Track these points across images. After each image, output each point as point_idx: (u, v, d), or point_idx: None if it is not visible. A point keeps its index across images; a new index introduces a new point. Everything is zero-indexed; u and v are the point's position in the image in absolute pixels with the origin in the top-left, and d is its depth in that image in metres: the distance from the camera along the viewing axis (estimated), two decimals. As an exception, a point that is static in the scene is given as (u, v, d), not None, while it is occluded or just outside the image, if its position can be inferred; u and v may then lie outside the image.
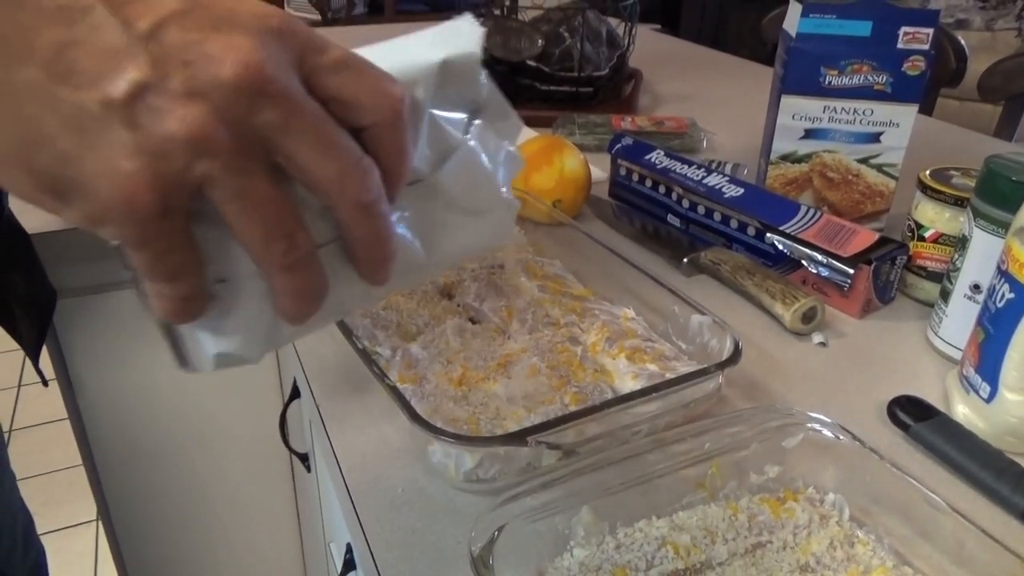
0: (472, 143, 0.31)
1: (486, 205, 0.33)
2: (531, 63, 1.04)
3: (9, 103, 0.23)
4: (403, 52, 0.29)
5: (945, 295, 0.55)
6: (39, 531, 0.71)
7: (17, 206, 0.64)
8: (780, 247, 0.63)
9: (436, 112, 0.30)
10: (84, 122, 0.23)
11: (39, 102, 0.23)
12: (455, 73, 0.29)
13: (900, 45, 0.65)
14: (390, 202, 0.28)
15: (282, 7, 2.69)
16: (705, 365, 0.46)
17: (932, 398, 0.49)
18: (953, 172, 0.60)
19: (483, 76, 0.31)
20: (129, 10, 0.23)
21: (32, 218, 0.68)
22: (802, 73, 0.67)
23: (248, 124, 0.24)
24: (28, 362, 0.66)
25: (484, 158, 0.32)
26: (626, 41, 1.09)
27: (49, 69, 0.23)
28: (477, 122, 0.31)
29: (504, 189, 0.33)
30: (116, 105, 0.23)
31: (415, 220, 0.30)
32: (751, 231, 0.65)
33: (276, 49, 0.25)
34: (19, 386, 2.01)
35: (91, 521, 1.64)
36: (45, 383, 0.74)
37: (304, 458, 0.82)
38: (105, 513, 0.87)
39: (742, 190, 0.67)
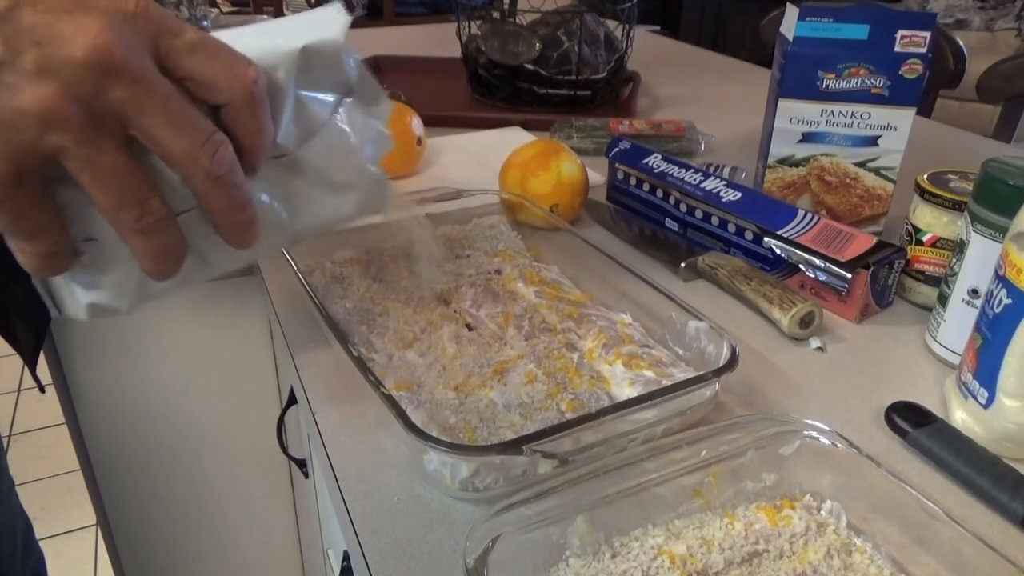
0: (339, 122, 0.34)
1: (353, 179, 0.35)
2: (529, 66, 1.04)
3: None
4: (268, 36, 0.31)
5: (943, 300, 0.55)
6: (38, 536, 0.71)
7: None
8: (778, 251, 0.63)
9: (303, 93, 0.33)
10: None
11: None
12: (318, 58, 0.32)
13: (897, 48, 0.65)
14: (251, 174, 0.30)
15: (282, 11, 2.69)
16: (702, 371, 0.46)
17: (930, 404, 0.48)
18: (951, 175, 0.60)
19: (351, 61, 0.34)
20: None
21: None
22: (799, 77, 0.67)
23: (99, 100, 0.26)
24: (26, 367, 0.66)
25: (351, 136, 0.34)
26: (624, 44, 1.09)
27: None
28: (347, 102, 0.34)
29: (372, 166, 0.35)
30: None
31: (281, 191, 0.33)
32: (749, 235, 0.65)
33: (127, 31, 0.26)
34: (18, 391, 2.01)
35: (90, 526, 1.64)
36: (42, 389, 0.74)
37: (302, 464, 0.82)
38: (103, 518, 0.87)
39: (740, 194, 0.67)
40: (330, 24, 0.32)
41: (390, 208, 0.39)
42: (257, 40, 0.31)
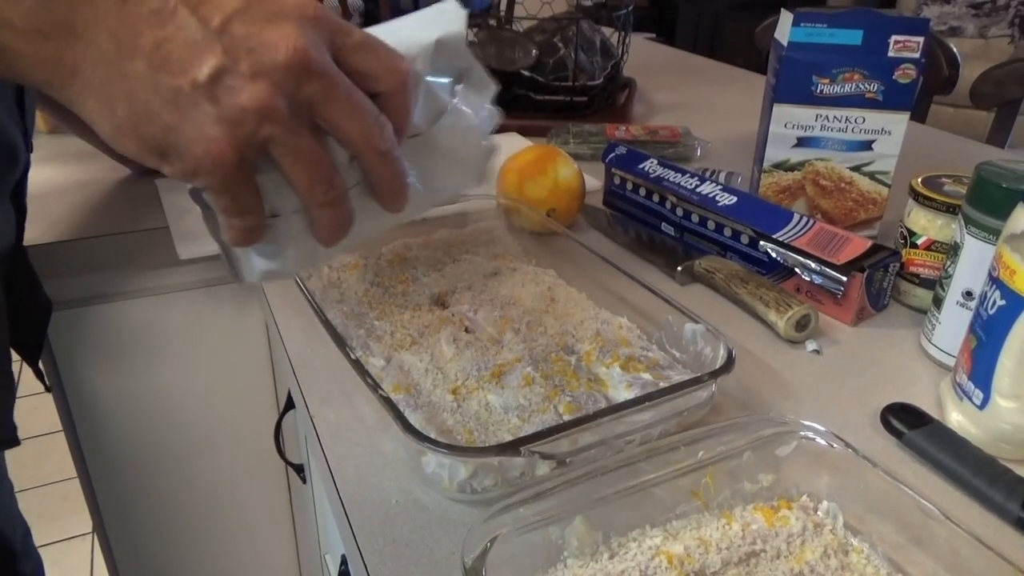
0: (458, 103, 0.39)
1: (473, 153, 0.40)
2: (525, 73, 1.04)
3: (126, 89, 0.30)
4: (404, 32, 0.36)
5: (938, 302, 0.55)
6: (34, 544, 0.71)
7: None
8: (774, 255, 0.63)
9: (429, 80, 0.38)
10: (180, 100, 0.30)
11: (146, 87, 0.30)
12: (446, 48, 0.37)
13: (891, 53, 0.66)
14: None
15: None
16: (699, 374, 0.46)
17: (926, 405, 0.49)
18: (945, 179, 0.61)
19: (467, 49, 0.39)
20: (203, 10, 0.30)
21: (27, 231, 0.68)
22: (794, 82, 0.68)
23: (298, 95, 0.31)
24: (25, 373, 0.66)
25: (469, 114, 0.39)
26: (620, 50, 1.10)
27: (151, 61, 0.30)
28: (460, 87, 0.39)
29: (485, 140, 0.41)
30: (201, 86, 0.30)
31: (416, 165, 0.38)
32: (745, 239, 0.66)
33: (314, 34, 0.32)
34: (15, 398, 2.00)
35: (86, 534, 1.63)
36: (48, 388, 0.74)
37: (299, 469, 0.82)
38: (100, 526, 0.87)
39: (735, 198, 0.67)
40: (453, 17, 0.37)
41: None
42: (398, 34, 0.36)
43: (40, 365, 0.68)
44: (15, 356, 0.65)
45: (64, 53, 0.30)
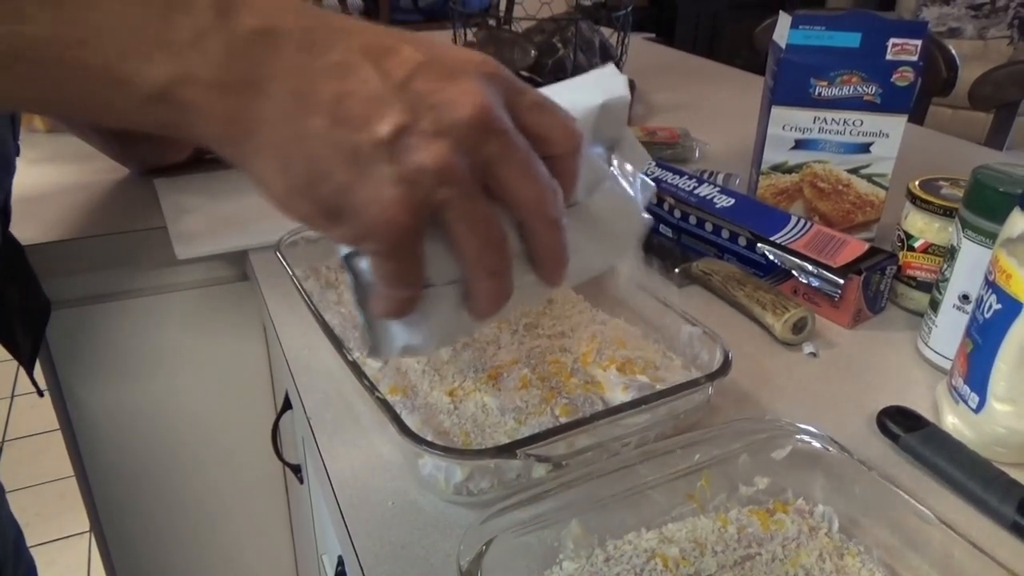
0: (615, 172, 0.37)
1: (626, 224, 0.38)
2: (524, 73, 1.04)
3: (302, 147, 0.29)
4: (568, 94, 0.34)
5: (934, 305, 0.55)
6: (30, 543, 0.71)
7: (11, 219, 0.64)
8: (771, 257, 0.64)
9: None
10: (358, 158, 0.28)
11: (323, 144, 0.28)
12: (609, 113, 0.35)
13: (889, 56, 0.66)
14: None
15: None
16: (695, 376, 0.46)
17: (922, 408, 0.49)
18: (942, 182, 0.61)
19: (626, 116, 0.37)
20: (386, 64, 0.29)
21: (25, 230, 0.68)
22: (792, 84, 0.68)
23: (478, 155, 0.29)
24: (21, 373, 0.66)
25: (625, 185, 0.37)
26: (619, 51, 1.10)
27: (331, 116, 0.28)
28: (615, 154, 0.37)
29: (644, 213, 0.38)
30: (382, 144, 0.28)
31: (571, 237, 0.35)
32: (742, 241, 0.66)
33: (494, 92, 0.30)
34: (11, 397, 2.01)
35: (83, 533, 1.63)
36: (41, 393, 0.74)
37: (297, 470, 0.82)
38: (97, 525, 0.87)
39: (733, 200, 0.67)
40: (616, 82, 0.36)
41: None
42: (563, 96, 0.33)
43: (35, 368, 0.68)
44: (8, 356, 0.65)
45: (245, 110, 0.29)
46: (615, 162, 0.37)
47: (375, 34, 0.30)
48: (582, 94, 0.35)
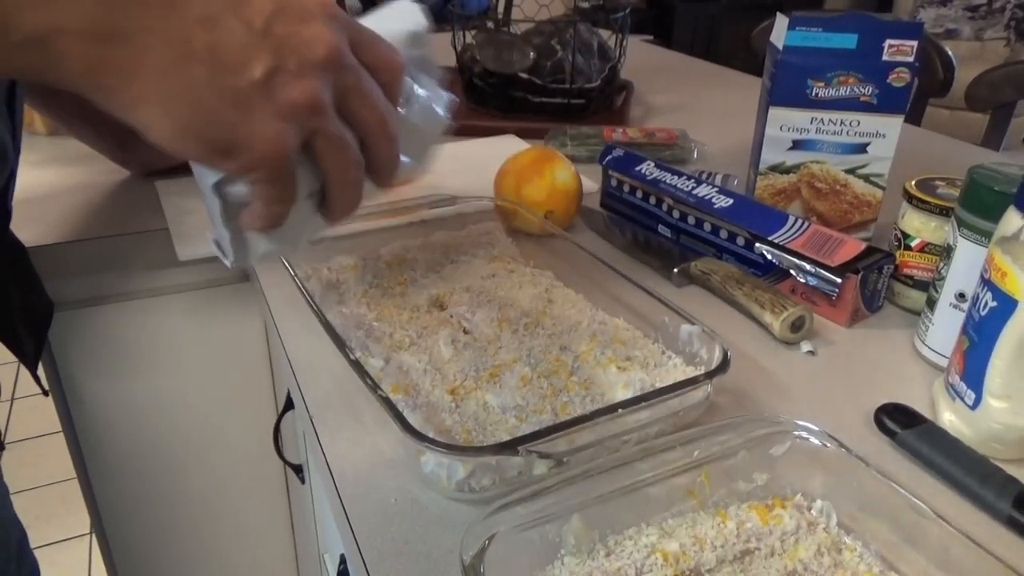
0: (421, 90, 0.43)
1: (435, 129, 0.45)
2: (523, 75, 1.05)
3: (189, 94, 0.32)
4: (383, 23, 0.40)
5: (931, 304, 0.56)
6: (32, 545, 0.71)
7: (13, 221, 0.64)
8: (769, 257, 0.64)
9: None
10: (240, 100, 0.32)
11: (207, 89, 0.32)
12: (415, 39, 0.42)
13: (885, 57, 0.66)
14: None
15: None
16: (694, 374, 0.46)
17: (919, 405, 0.49)
18: (939, 182, 0.61)
19: (428, 40, 0.44)
20: (244, 13, 0.32)
21: (28, 232, 0.68)
22: (789, 85, 0.68)
23: (336, 88, 0.34)
24: (22, 375, 0.66)
25: (430, 97, 0.44)
26: (617, 53, 1.10)
27: (209, 64, 0.32)
28: (421, 75, 0.44)
29: (444, 115, 0.46)
30: (258, 85, 0.32)
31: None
32: (740, 241, 0.66)
33: (339, 31, 0.34)
34: (12, 399, 2.01)
35: (84, 535, 1.63)
36: (46, 392, 0.74)
37: (298, 469, 0.82)
38: (99, 526, 0.87)
39: (731, 200, 0.68)
40: (415, 11, 0.43)
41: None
42: (381, 25, 0.39)
43: (39, 368, 0.69)
44: (11, 358, 0.65)
45: (120, 59, 0.31)
46: (421, 80, 0.44)
47: None
48: (391, 23, 0.41)
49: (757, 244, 0.65)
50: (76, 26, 0.30)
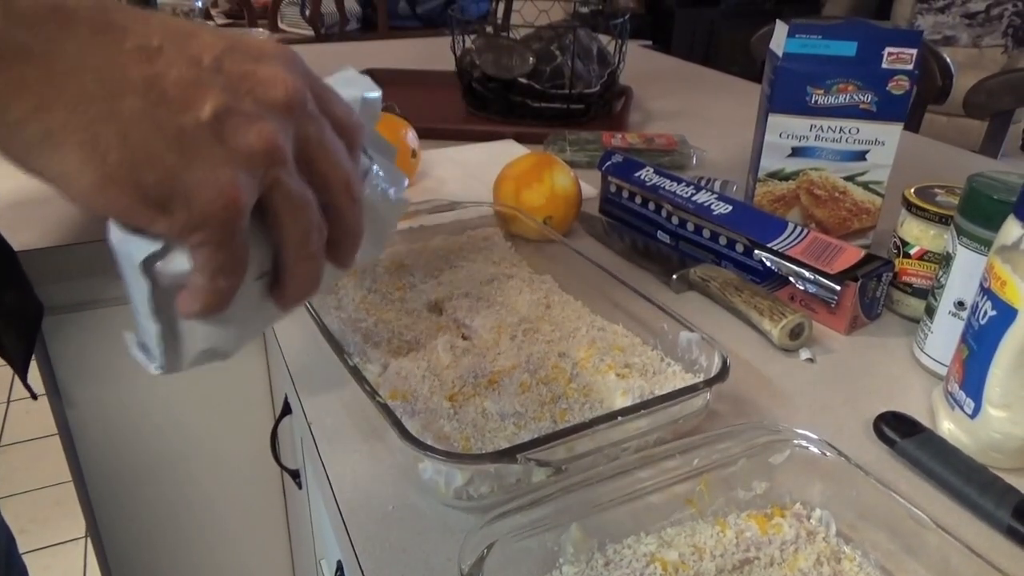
0: (377, 166, 0.37)
1: (392, 210, 0.39)
2: (522, 80, 1.05)
3: (119, 129, 0.26)
4: (344, 87, 0.35)
5: (930, 312, 0.55)
6: (26, 549, 0.71)
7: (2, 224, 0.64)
8: (768, 264, 0.64)
9: None
10: (183, 140, 0.27)
11: (146, 125, 0.26)
12: (368, 108, 0.37)
13: (884, 65, 0.66)
14: None
15: (276, 24, 2.67)
16: (694, 382, 0.46)
17: (918, 414, 0.49)
18: (938, 190, 0.61)
19: (378, 113, 0.38)
20: (191, 48, 0.28)
21: (22, 236, 0.68)
22: (788, 92, 0.68)
23: (297, 136, 0.29)
24: (16, 378, 0.66)
25: (383, 176, 0.38)
26: (616, 58, 1.10)
27: (146, 97, 0.26)
28: (375, 151, 0.38)
29: (401, 199, 0.39)
30: (207, 125, 0.27)
31: None
32: (739, 248, 0.66)
33: (300, 76, 0.30)
34: (8, 402, 2.00)
35: (80, 538, 1.62)
36: (34, 396, 0.74)
37: (295, 475, 0.82)
38: (94, 530, 0.86)
39: (730, 207, 0.68)
40: (365, 82, 0.37)
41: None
42: (340, 90, 0.34)
43: (31, 372, 0.68)
44: (2, 362, 0.65)
45: (29, 81, 0.25)
46: (373, 155, 0.38)
47: (169, 19, 0.29)
48: (343, 88, 0.35)
49: (756, 251, 0.65)
50: None
